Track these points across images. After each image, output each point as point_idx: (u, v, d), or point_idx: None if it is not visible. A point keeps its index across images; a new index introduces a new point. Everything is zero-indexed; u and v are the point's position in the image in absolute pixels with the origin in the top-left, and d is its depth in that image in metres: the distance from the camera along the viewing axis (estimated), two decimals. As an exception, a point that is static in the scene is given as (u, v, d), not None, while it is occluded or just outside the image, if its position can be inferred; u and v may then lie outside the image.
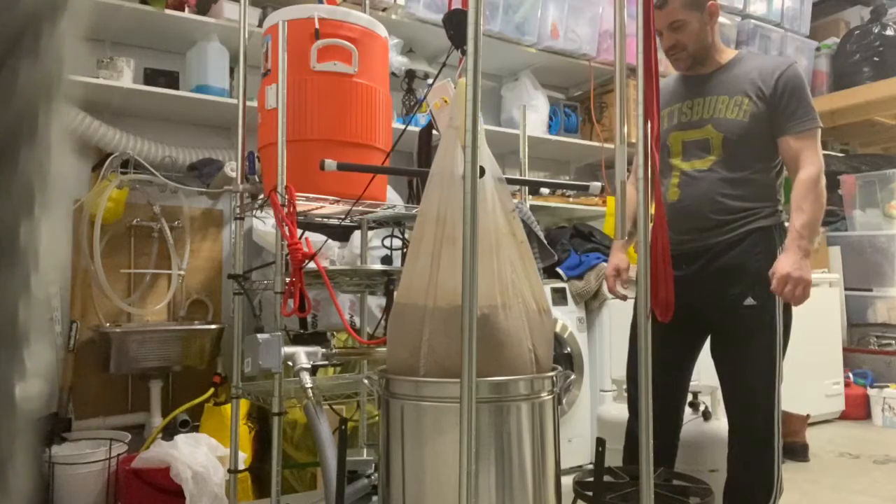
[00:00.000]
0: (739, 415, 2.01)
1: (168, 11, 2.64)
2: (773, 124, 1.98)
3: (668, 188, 2.07)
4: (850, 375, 4.32)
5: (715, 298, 2.00)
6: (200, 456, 2.22)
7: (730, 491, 2.02)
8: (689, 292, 1.93)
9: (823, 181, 1.95)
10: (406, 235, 2.27)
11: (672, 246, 2.03)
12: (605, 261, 3.38)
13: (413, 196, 2.51)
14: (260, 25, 2.65)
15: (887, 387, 4.12)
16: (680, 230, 2.00)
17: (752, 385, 1.98)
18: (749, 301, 1.95)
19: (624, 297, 2.21)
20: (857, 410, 4.17)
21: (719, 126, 2.00)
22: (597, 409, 3.07)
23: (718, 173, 2.00)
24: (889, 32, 4.56)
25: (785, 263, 1.86)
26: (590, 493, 1.92)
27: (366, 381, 2.27)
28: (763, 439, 1.98)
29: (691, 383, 2.85)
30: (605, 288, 3.22)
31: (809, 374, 3.94)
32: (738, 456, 2.02)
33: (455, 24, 1.61)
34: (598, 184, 2.04)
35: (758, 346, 1.98)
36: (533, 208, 2.31)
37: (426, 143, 2.08)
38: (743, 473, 1.99)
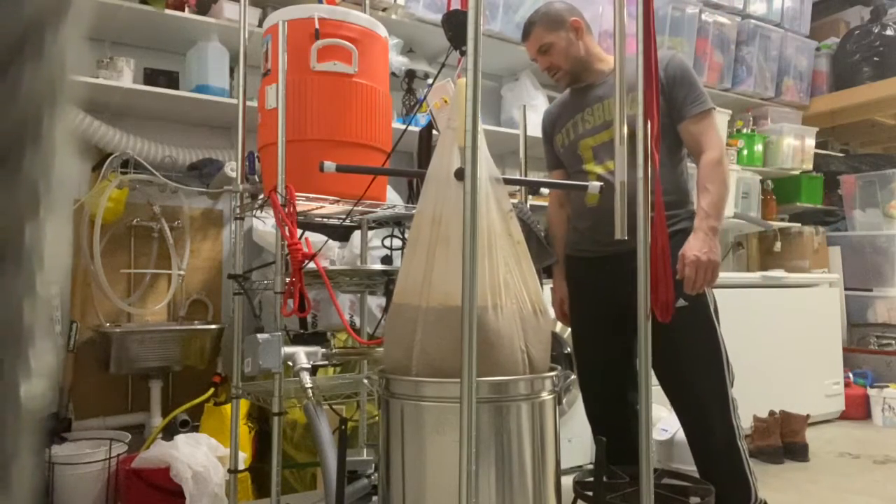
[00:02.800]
0: (694, 425, 2.00)
1: (168, 11, 2.64)
2: (672, 114, 2.01)
3: (585, 195, 2.07)
4: (850, 375, 4.33)
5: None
6: (200, 456, 2.22)
7: None
8: (617, 296, 1.97)
9: (727, 162, 1.99)
10: (406, 235, 2.27)
11: (594, 250, 2.09)
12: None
13: (413, 196, 2.51)
14: (260, 25, 2.65)
15: (887, 387, 4.12)
16: (603, 233, 1.93)
17: (702, 391, 1.96)
18: (680, 303, 1.85)
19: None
20: (857, 410, 4.18)
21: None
22: (596, 409, 3.07)
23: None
24: (889, 32, 4.56)
25: (693, 246, 1.84)
26: (590, 493, 1.92)
27: (366, 381, 2.28)
28: (725, 450, 1.95)
29: None
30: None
31: (809, 374, 3.94)
32: (705, 472, 1.99)
33: (454, 25, 1.61)
34: (598, 184, 2.04)
35: (699, 347, 1.97)
36: (533, 208, 2.31)
37: (426, 144, 2.08)
38: (716, 488, 1.95)
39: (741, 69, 4.31)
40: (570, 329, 2.24)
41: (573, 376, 1.93)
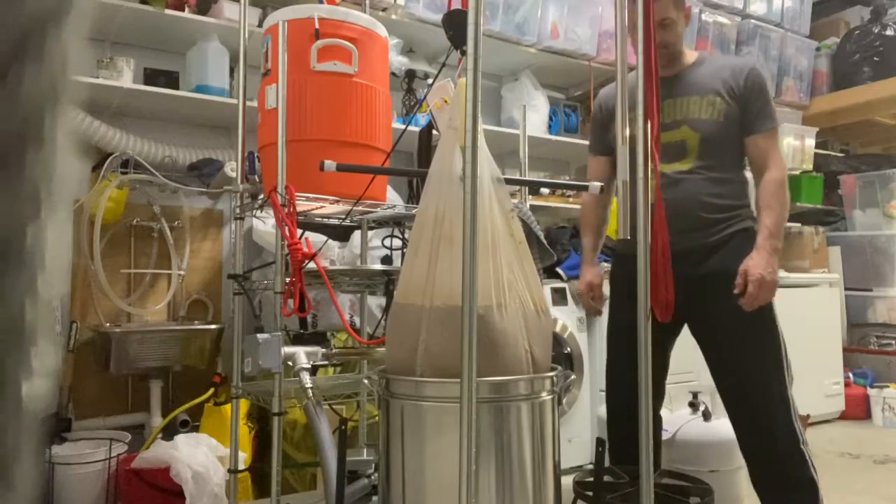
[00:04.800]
0: (756, 432, 1.91)
1: (168, 11, 2.64)
2: (743, 123, 1.99)
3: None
4: (850, 375, 4.33)
5: (704, 302, 1.95)
6: (200, 456, 2.22)
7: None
8: (675, 297, 1.95)
9: (787, 183, 1.99)
10: (406, 235, 2.27)
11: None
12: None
13: (413, 196, 2.51)
14: (260, 25, 2.65)
15: (887, 387, 4.12)
16: None
17: (766, 395, 1.90)
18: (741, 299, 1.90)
19: (598, 312, 2.23)
20: (857, 410, 4.18)
21: (695, 126, 1.98)
22: (597, 409, 3.08)
23: (701, 174, 1.98)
24: (889, 32, 4.56)
25: (759, 264, 1.85)
26: (590, 493, 1.92)
27: (366, 381, 2.28)
28: (790, 456, 1.87)
29: (692, 383, 2.86)
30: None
31: (809, 374, 3.94)
32: (767, 481, 1.91)
33: (454, 24, 1.61)
34: (598, 184, 2.04)
35: (764, 349, 1.91)
36: (533, 208, 2.31)
37: (426, 143, 2.08)
38: (782, 496, 1.89)
39: (741, 69, 4.30)
40: (569, 329, 2.23)
41: (573, 376, 1.92)
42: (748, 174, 2.10)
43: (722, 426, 2.18)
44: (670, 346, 2.12)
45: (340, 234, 2.62)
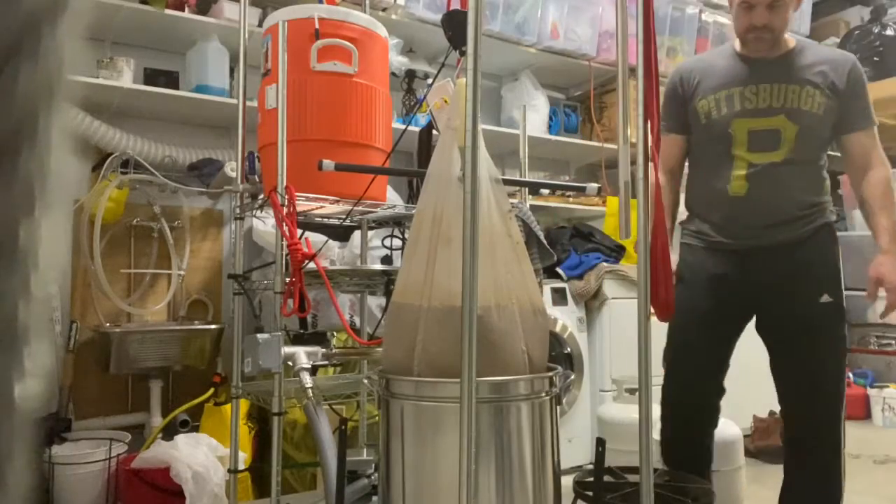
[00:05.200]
0: (810, 420, 1.89)
1: (168, 11, 2.64)
2: (841, 120, 1.91)
3: (729, 180, 1.91)
4: (850, 375, 4.32)
5: (784, 298, 1.90)
6: (200, 456, 2.22)
7: (793, 498, 1.93)
8: (745, 291, 1.91)
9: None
10: (406, 235, 2.27)
11: (735, 242, 1.93)
12: (605, 261, 3.39)
13: (413, 196, 2.51)
14: (260, 25, 2.65)
15: (887, 387, 4.12)
16: (748, 225, 1.91)
17: (828, 394, 1.88)
18: (826, 298, 1.86)
19: None
20: (857, 410, 4.17)
21: (794, 117, 1.87)
22: (597, 409, 3.07)
23: (792, 167, 1.88)
24: (889, 32, 4.56)
25: (892, 270, 1.80)
26: (590, 493, 1.92)
27: (366, 381, 2.27)
28: (832, 449, 1.88)
29: None
30: (605, 288, 3.24)
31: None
32: (809, 467, 1.90)
33: (454, 25, 1.61)
34: (595, 185, 2.04)
35: (831, 345, 1.89)
36: (533, 208, 2.30)
37: (426, 143, 2.07)
38: (812, 483, 1.89)
39: (741, 69, 4.30)
40: (569, 329, 2.21)
41: (573, 376, 1.91)
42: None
43: (722, 426, 2.17)
44: (735, 342, 2.04)
45: (340, 234, 2.62)
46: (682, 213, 2.14)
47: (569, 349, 3.15)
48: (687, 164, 2.11)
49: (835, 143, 2.00)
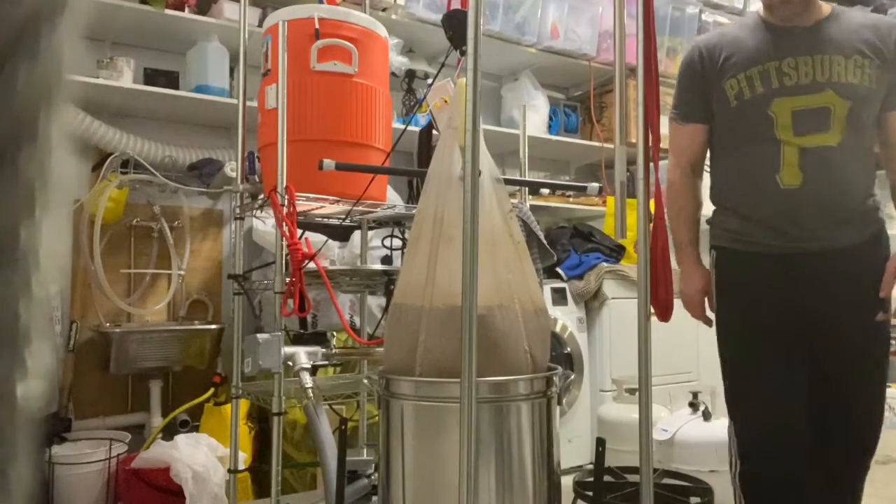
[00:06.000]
0: (845, 440, 1.69)
1: (168, 11, 2.64)
2: (888, 94, 1.64)
3: (778, 168, 1.61)
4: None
5: (841, 318, 1.63)
6: (200, 456, 2.22)
7: None
8: (800, 306, 1.62)
9: None
10: (406, 235, 2.27)
11: (778, 245, 1.63)
12: (605, 261, 3.39)
13: (413, 196, 2.51)
14: (260, 25, 2.65)
15: (889, 387, 4.11)
16: (798, 225, 1.62)
17: (868, 413, 1.68)
18: (881, 315, 1.62)
19: (711, 322, 1.78)
20: (857, 410, 4.17)
21: (844, 92, 1.59)
22: (597, 409, 3.08)
23: (849, 152, 1.60)
24: (889, 32, 4.55)
25: None
26: (590, 493, 1.92)
27: (366, 381, 2.27)
28: (862, 474, 1.75)
29: (692, 383, 2.76)
30: (604, 288, 3.24)
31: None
32: (837, 486, 1.74)
33: (454, 24, 1.62)
34: (596, 185, 2.04)
35: (879, 371, 1.67)
36: (533, 208, 2.30)
37: (426, 143, 2.08)
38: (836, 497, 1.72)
39: (741, 69, 4.30)
40: (569, 329, 2.18)
41: (573, 376, 1.88)
42: None
43: (722, 426, 2.18)
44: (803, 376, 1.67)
45: (340, 234, 2.62)
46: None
47: (569, 349, 3.15)
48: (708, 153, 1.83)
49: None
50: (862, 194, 1.63)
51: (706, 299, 1.77)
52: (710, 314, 1.77)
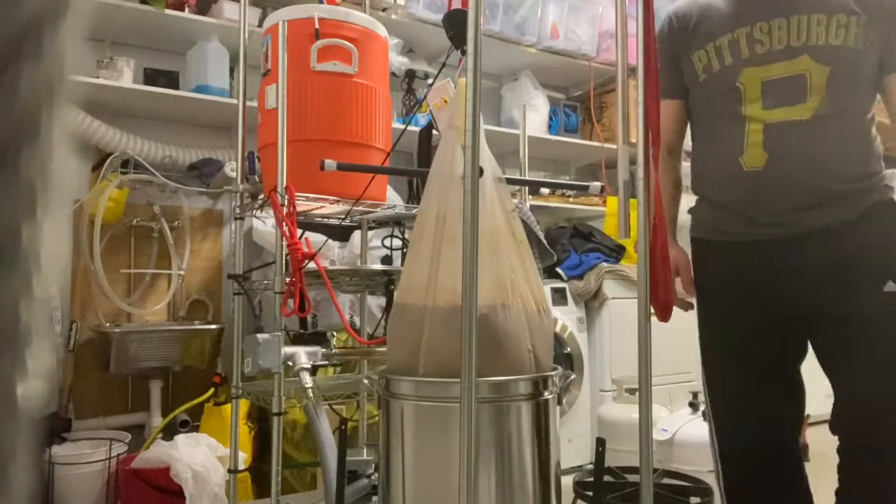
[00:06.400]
0: (869, 428, 1.53)
1: (168, 11, 2.64)
2: (885, 55, 1.45)
3: (743, 149, 1.48)
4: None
5: (833, 297, 1.45)
6: (200, 456, 2.22)
7: None
8: (776, 298, 1.50)
9: None
10: (406, 235, 2.27)
11: (746, 232, 1.51)
12: (605, 261, 3.39)
13: (413, 196, 2.51)
14: (260, 25, 2.65)
15: None
16: (771, 208, 1.47)
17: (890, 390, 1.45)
18: (891, 286, 1.41)
19: (690, 306, 1.66)
20: (857, 410, 4.17)
21: (821, 56, 1.42)
22: (597, 409, 3.08)
23: (828, 124, 1.42)
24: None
25: None
26: (590, 493, 1.92)
27: (366, 381, 2.27)
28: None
29: (692, 383, 2.74)
30: (604, 288, 3.24)
31: (809, 374, 3.94)
32: (867, 478, 1.56)
33: (455, 24, 1.61)
34: (598, 184, 2.04)
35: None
36: (533, 208, 2.30)
37: (426, 143, 2.08)
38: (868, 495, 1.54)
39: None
40: (569, 329, 2.18)
41: (573, 376, 1.86)
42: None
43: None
44: (797, 365, 1.62)
45: (340, 234, 2.62)
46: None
47: (569, 349, 3.15)
48: (689, 135, 1.71)
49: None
50: (847, 171, 1.43)
51: (684, 279, 1.65)
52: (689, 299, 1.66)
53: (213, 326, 2.73)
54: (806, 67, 1.43)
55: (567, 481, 1.74)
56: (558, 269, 3.31)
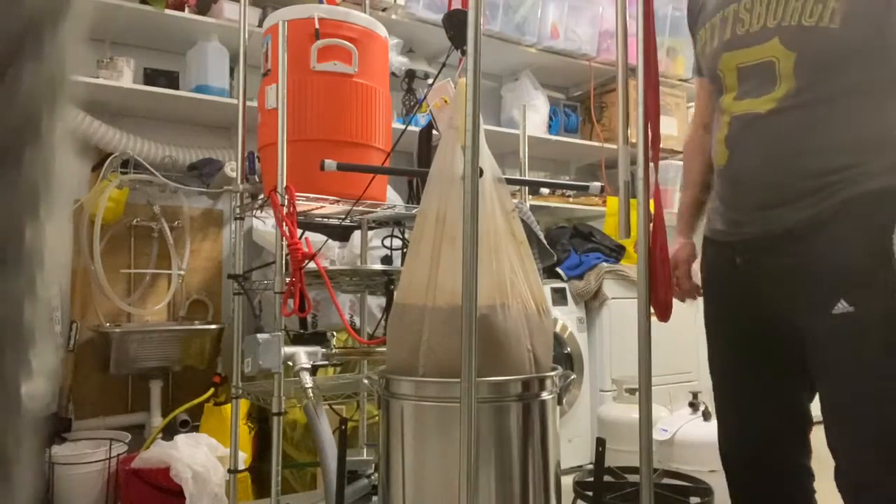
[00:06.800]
0: (853, 457, 1.36)
1: (168, 11, 2.64)
2: (888, 19, 1.24)
3: (714, 146, 1.43)
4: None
5: (789, 310, 1.34)
6: (200, 456, 2.22)
7: None
8: (753, 305, 1.40)
9: None
10: (406, 235, 2.27)
11: (722, 231, 1.45)
12: (605, 261, 3.39)
13: (413, 196, 2.51)
14: (260, 25, 2.65)
15: None
16: (736, 207, 1.40)
17: (874, 428, 1.26)
18: (841, 307, 1.22)
19: (692, 296, 1.61)
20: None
21: (789, 40, 1.27)
22: (597, 409, 3.08)
23: (794, 115, 1.28)
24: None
25: None
26: (590, 493, 1.92)
27: (366, 381, 2.27)
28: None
29: (692, 383, 2.73)
30: (605, 288, 3.24)
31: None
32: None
33: (455, 24, 1.62)
34: (598, 184, 2.04)
35: (863, 371, 1.23)
36: (533, 208, 2.30)
37: (426, 143, 2.08)
38: None
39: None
40: (569, 329, 2.17)
41: (573, 376, 1.85)
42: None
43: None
44: (795, 376, 1.42)
45: (340, 234, 2.62)
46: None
47: (569, 349, 3.15)
48: None
49: None
50: (811, 166, 1.27)
51: (679, 272, 1.60)
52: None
53: (213, 326, 2.73)
54: (773, 53, 1.29)
55: (567, 481, 1.74)
56: (558, 269, 3.31)
